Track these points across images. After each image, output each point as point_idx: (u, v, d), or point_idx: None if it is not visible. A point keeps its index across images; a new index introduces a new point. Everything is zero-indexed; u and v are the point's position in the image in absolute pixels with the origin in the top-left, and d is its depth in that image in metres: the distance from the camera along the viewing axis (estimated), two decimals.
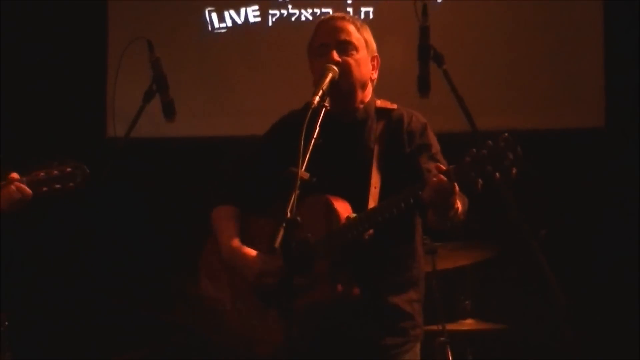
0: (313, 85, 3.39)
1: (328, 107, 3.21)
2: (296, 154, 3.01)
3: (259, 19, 6.26)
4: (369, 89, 3.55)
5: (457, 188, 3.08)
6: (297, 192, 2.92)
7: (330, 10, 5.99)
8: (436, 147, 3.50)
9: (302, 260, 3.14)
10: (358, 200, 3.33)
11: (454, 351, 4.98)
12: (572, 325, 5.31)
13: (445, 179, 3.03)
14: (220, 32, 6.28)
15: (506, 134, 2.97)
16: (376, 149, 3.43)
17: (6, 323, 4.51)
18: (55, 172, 3.49)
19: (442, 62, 3.89)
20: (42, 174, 3.48)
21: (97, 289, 5.80)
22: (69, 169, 3.49)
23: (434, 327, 4.95)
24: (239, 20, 6.27)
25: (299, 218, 2.87)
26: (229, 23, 6.28)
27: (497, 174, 2.94)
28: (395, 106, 3.56)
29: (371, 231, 3.26)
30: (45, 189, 3.46)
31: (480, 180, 3.00)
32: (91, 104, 6.21)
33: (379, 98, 3.61)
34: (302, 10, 6.22)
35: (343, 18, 3.51)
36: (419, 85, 3.79)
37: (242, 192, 3.57)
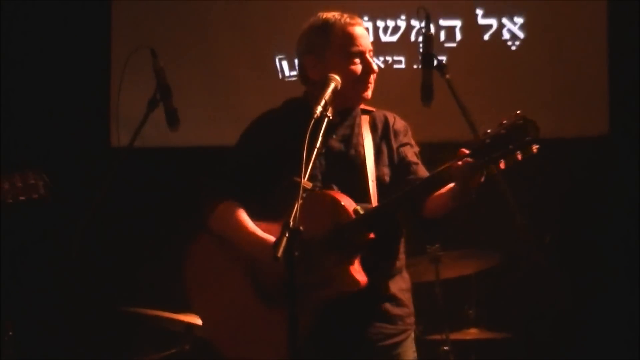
0: (349, 87, 3.48)
1: (331, 117, 3.24)
2: (288, 152, 3.13)
3: None
4: None
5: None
6: (301, 201, 2.94)
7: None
8: (417, 147, 3.63)
9: (307, 259, 3.24)
10: (359, 194, 3.40)
11: None
12: (578, 330, 5.33)
13: (470, 160, 3.12)
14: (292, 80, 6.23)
15: (519, 112, 3.05)
16: (366, 144, 3.52)
17: (10, 333, 4.52)
18: (19, 184, 3.50)
19: (445, 70, 3.90)
20: (5, 186, 3.49)
21: (102, 298, 5.80)
22: (32, 181, 3.50)
23: (438, 336, 4.94)
24: None
25: (301, 227, 2.88)
26: None
27: (518, 153, 3.04)
28: (374, 108, 3.66)
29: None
30: (10, 201, 3.48)
31: (503, 160, 3.08)
32: (95, 113, 6.21)
33: (379, 106, 3.71)
34: None
35: (361, 21, 3.64)
36: (422, 93, 3.80)
37: (242, 189, 3.56)
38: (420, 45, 3.87)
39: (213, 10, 6.35)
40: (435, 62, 3.91)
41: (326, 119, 3.22)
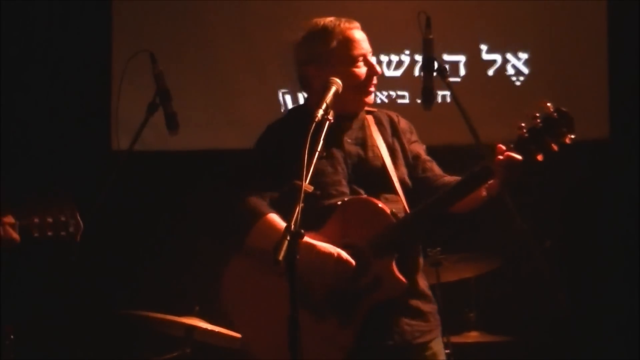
0: (355, 91, 3.52)
1: (332, 120, 3.24)
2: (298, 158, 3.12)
3: None
4: None
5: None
6: (302, 205, 2.94)
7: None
8: (423, 144, 3.69)
9: (358, 265, 3.32)
10: (389, 196, 3.45)
11: None
12: (578, 332, 5.32)
13: (514, 155, 3.17)
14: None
15: (548, 104, 3.12)
16: (381, 145, 3.55)
17: (12, 337, 4.51)
18: (50, 219, 3.51)
19: (445, 74, 3.90)
20: (36, 220, 3.50)
21: (103, 302, 5.80)
22: (63, 218, 3.51)
23: None
24: None
25: (302, 230, 2.88)
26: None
27: (553, 145, 3.12)
28: (375, 108, 3.69)
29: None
30: (36, 235, 3.49)
31: (540, 153, 3.16)
32: (95, 117, 6.21)
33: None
34: None
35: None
36: (423, 97, 3.81)
37: (271, 202, 3.53)
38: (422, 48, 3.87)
39: (214, 15, 6.35)
40: (435, 66, 3.91)
41: (327, 122, 3.21)
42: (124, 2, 6.36)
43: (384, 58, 6.21)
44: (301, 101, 6.02)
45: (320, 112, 3.22)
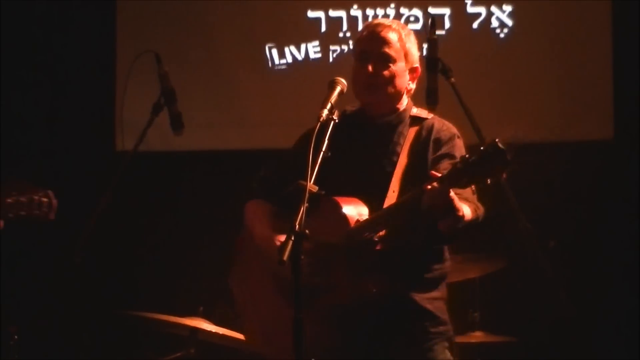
0: (353, 89, 3.51)
1: (337, 120, 3.24)
2: (326, 163, 3.15)
3: (319, 55, 6.24)
4: (405, 98, 3.59)
5: (451, 193, 3.09)
6: (306, 205, 2.95)
7: None
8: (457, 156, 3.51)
9: (319, 263, 3.30)
10: (376, 202, 3.38)
11: None
12: (582, 333, 5.31)
13: (437, 185, 3.06)
14: (281, 68, 6.28)
15: (496, 140, 2.98)
16: (402, 154, 3.49)
17: (15, 337, 4.52)
18: (23, 199, 3.50)
19: (450, 74, 3.90)
20: (8, 200, 3.49)
21: (106, 302, 5.80)
22: (36, 197, 3.51)
23: None
24: (300, 57, 6.27)
25: (307, 231, 2.89)
26: (290, 59, 6.29)
27: (487, 179, 3.00)
28: (430, 116, 3.59)
29: (382, 232, 3.31)
30: (11, 215, 3.49)
31: (472, 185, 3.10)
32: (100, 117, 6.22)
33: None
34: None
35: (389, 27, 3.54)
36: (427, 97, 3.80)
37: (275, 193, 3.56)
38: (425, 49, 3.87)
39: (217, 16, 6.35)
40: (440, 66, 3.92)
41: (332, 122, 3.22)
42: (128, 2, 6.37)
43: (369, 12, 6.20)
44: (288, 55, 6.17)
45: (325, 112, 3.23)
